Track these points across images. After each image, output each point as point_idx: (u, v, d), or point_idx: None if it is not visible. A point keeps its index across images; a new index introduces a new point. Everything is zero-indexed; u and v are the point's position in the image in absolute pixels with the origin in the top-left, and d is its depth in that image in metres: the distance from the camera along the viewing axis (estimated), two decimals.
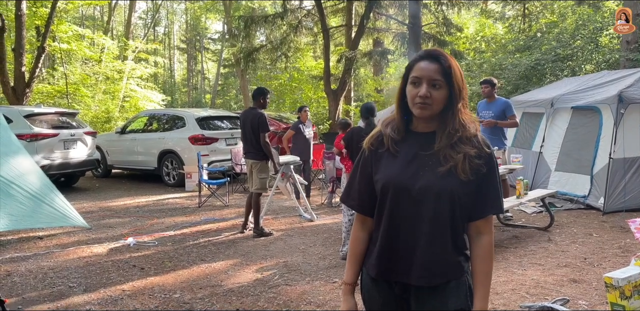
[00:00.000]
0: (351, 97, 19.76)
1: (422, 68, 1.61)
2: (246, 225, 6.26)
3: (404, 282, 1.65)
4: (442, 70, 1.59)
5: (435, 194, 1.59)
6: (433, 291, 1.63)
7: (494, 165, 1.65)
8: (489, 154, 1.63)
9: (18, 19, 13.14)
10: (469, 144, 1.62)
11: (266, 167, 6.10)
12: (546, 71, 13.29)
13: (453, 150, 1.61)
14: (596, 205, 6.83)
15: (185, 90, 40.72)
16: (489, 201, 1.66)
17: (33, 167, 5.88)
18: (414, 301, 1.67)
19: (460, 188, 1.60)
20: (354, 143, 5.04)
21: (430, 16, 16.07)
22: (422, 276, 1.61)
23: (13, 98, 13.14)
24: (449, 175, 1.59)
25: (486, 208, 1.66)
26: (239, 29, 16.43)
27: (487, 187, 1.65)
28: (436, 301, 1.63)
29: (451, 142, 1.61)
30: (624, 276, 3.49)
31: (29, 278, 4.56)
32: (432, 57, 1.62)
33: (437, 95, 1.59)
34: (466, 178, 1.59)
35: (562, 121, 7.83)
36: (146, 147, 10.40)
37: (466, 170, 1.59)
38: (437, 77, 1.59)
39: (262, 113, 5.96)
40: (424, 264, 1.61)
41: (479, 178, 1.62)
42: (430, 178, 1.60)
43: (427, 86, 1.59)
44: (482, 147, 1.63)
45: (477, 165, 1.60)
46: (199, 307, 3.86)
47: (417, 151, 1.66)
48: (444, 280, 1.62)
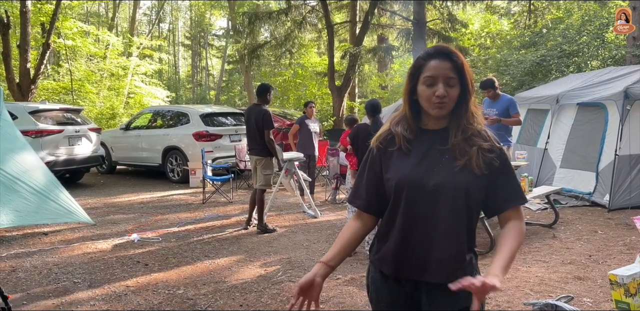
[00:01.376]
0: (355, 93, 19.70)
1: (435, 67, 1.60)
2: (250, 222, 6.27)
3: (417, 280, 1.65)
4: (456, 68, 1.60)
5: (451, 190, 1.58)
6: (444, 289, 1.61)
7: (507, 158, 1.67)
8: (499, 148, 1.65)
9: (23, 16, 13.17)
10: (480, 138, 1.63)
11: (270, 164, 6.09)
12: (552, 67, 13.21)
13: (467, 144, 1.62)
14: (601, 202, 6.80)
15: (190, 87, 40.76)
16: (512, 192, 1.66)
17: (38, 163, 5.90)
18: (425, 299, 1.67)
19: (475, 183, 1.60)
20: (360, 140, 5.03)
21: (435, 12, 15.98)
22: (439, 273, 1.61)
23: (18, 95, 13.19)
24: (464, 170, 1.60)
25: (510, 200, 1.66)
26: (243, 25, 16.42)
27: (506, 180, 1.66)
28: (447, 299, 1.62)
29: (465, 136, 1.62)
30: (629, 274, 3.48)
31: (33, 273, 4.58)
32: (443, 54, 1.61)
33: (453, 93, 1.60)
34: (480, 172, 1.60)
35: (568, 117, 7.79)
36: (150, 143, 10.42)
37: (480, 164, 1.60)
38: (452, 75, 1.59)
39: (266, 110, 5.96)
40: (441, 261, 1.61)
41: (493, 172, 1.63)
42: (445, 175, 1.60)
43: (443, 85, 1.59)
44: (493, 141, 1.65)
45: (490, 159, 1.61)
46: (203, 303, 3.87)
47: (429, 148, 1.66)
48: (461, 277, 1.61)
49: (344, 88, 15.60)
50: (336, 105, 15.66)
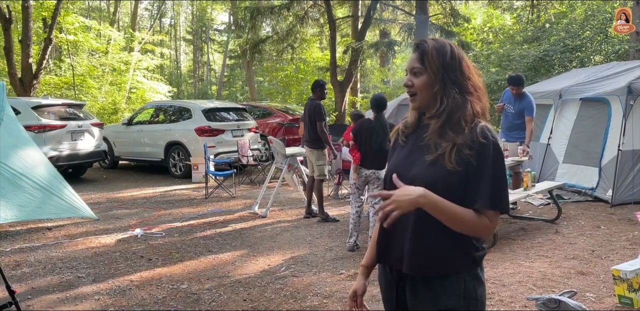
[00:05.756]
0: (357, 88, 19.65)
1: (409, 60, 1.67)
2: (311, 211, 6.54)
3: (399, 269, 1.67)
4: (420, 57, 1.62)
5: (420, 184, 1.53)
6: (427, 285, 1.62)
7: (489, 156, 1.54)
8: (482, 145, 1.54)
9: (25, 11, 13.14)
10: (461, 133, 1.57)
11: (322, 155, 6.36)
12: (554, 62, 13.16)
13: (442, 138, 1.59)
14: (604, 197, 6.79)
15: (192, 82, 40.67)
16: (480, 193, 1.54)
17: (42, 159, 5.91)
18: (408, 292, 1.68)
19: (445, 178, 1.55)
20: (362, 136, 5.03)
21: (438, 7, 15.91)
22: (410, 265, 1.61)
23: (20, 90, 13.18)
24: (435, 164, 1.58)
25: (475, 201, 1.54)
26: (245, 20, 16.35)
27: (477, 179, 1.54)
28: (428, 296, 1.62)
29: (437, 127, 1.60)
30: (632, 269, 3.49)
31: (38, 268, 4.60)
32: (415, 46, 1.67)
33: (417, 82, 1.63)
34: (453, 168, 1.55)
35: (571, 113, 7.77)
36: (153, 138, 10.42)
37: (452, 160, 1.54)
38: (416, 65, 1.63)
39: (318, 103, 6.32)
40: (410, 253, 1.61)
41: (469, 170, 1.54)
42: (419, 168, 1.62)
43: (409, 75, 1.64)
44: (477, 137, 1.55)
45: (467, 156, 1.54)
46: (207, 298, 3.88)
47: (420, 141, 1.67)
48: (432, 273, 1.60)
49: (346, 83, 15.56)
50: (338, 100, 15.62)
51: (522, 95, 6.52)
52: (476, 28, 19.26)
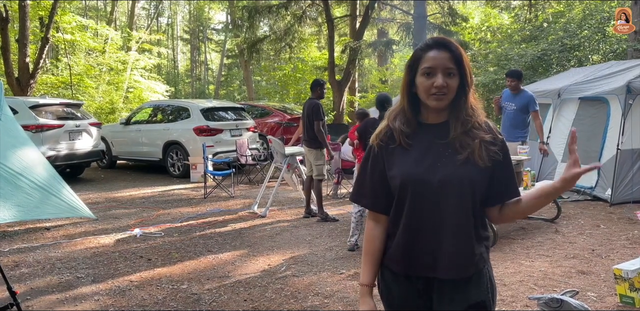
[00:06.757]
0: (356, 87, 19.64)
1: (434, 57, 1.58)
2: (310, 211, 6.53)
3: (428, 276, 1.63)
4: (454, 58, 1.58)
5: (457, 184, 1.57)
6: (455, 284, 1.62)
7: (508, 151, 1.66)
8: (502, 141, 1.64)
9: (22, 10, 13.08)
10: (482, 130, 1.62)
11: (321, 155, 6.34)
12: (553, 61, 13.19)
13: (468, 136, 1.60)
14: (603, 197, 6.80)
15: (189, 81, 40.60)
16: (511, 187, 1.66)
17: (40, 158, 5.88)
18: (436, 295, 1.65)
19: (479, 176, 1.59)
20: (368, 135, 5.01)
21: (436, 6, 15.92)
22: (451, 269, 1.59)
23: (17, 89, 13.13)
24: (467, 163, 1.58)
25: (508, 194, 1.66)
26: (242, 19, 16.36)
27: (506, 173, 1.65)
28: (457, 294, 1.62)
29: (466, 129, 1.60)
30: (634, 268, 3.49)
31: (37, 268, 4.58)
32: (441, 45, 1.60)
33: (452, 83, 1.58)
34: (484, 164, 1.59)
35: (569, 112, 7.78)
36: (151, 138, 10.39)
37: (483, 156, 1.58)
38: (450, 65, 1.57)
39: (316, 103, 6.31)
40: (451, 256, 1.59)
41: (495, 165, 1.62)
42: (449, 169, 1.58)
43: (442, 76, 1.57)
44: (496, 133, 1.63)
45: (493, 152, 1.60)
46: (207, 298, 3.87)
47: (431, 143, 1.63)
48: (473, 272, 1.61)
49: (344, 82, 15.55)
50: (336, 100, 15.61)
51: (519, 90, 6.53)
52: (474, 27, 19.27)
